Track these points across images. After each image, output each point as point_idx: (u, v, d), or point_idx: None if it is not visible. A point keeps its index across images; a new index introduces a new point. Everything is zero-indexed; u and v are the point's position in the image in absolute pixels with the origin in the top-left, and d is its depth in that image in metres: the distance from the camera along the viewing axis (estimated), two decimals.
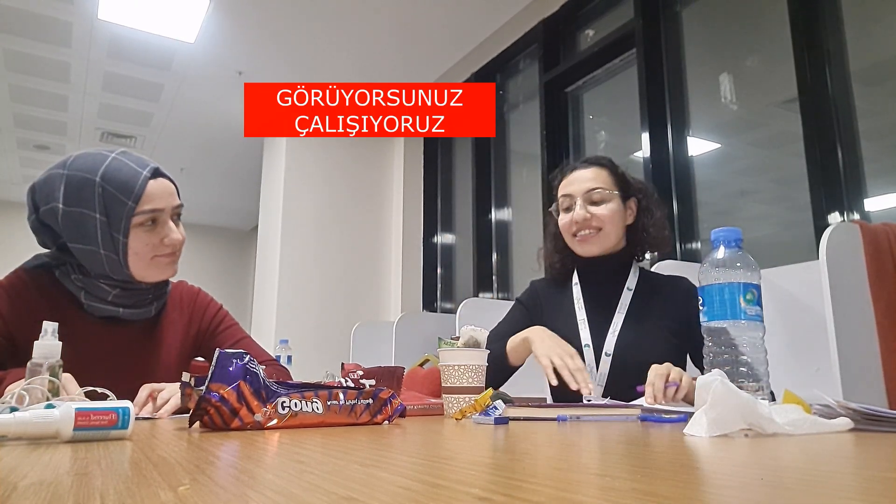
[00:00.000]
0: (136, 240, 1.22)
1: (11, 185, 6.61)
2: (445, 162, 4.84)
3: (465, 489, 0.38)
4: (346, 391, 0.91)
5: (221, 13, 3.62)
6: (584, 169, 1.55)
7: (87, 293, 1.26)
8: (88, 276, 1.26)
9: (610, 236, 1.51)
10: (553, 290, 1.64)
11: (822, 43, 2.28)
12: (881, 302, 1.60)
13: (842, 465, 0.51)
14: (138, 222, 1.21)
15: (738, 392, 0.71)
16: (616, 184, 1.53)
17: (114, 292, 1.27)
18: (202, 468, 0.49)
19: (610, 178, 1.53)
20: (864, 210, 2.13)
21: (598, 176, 1.53)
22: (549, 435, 0.77)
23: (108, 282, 1.26)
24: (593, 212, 1.50)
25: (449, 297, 4.63)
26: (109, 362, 1.26)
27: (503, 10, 3.60)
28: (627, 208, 1.54)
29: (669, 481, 0.41)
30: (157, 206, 1.23)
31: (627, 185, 1.56)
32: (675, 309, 1.48)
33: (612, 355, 1.43)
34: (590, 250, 1.53)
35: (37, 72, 4.23)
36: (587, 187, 1.51)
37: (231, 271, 8.10)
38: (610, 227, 1.50)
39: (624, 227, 1.54)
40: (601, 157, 1.59)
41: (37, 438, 0.69)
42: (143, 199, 1.21)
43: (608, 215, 1.50)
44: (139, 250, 1.23)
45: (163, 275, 1.30)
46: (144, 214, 1.21)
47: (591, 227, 1.51)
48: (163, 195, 1.25)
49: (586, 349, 1.46)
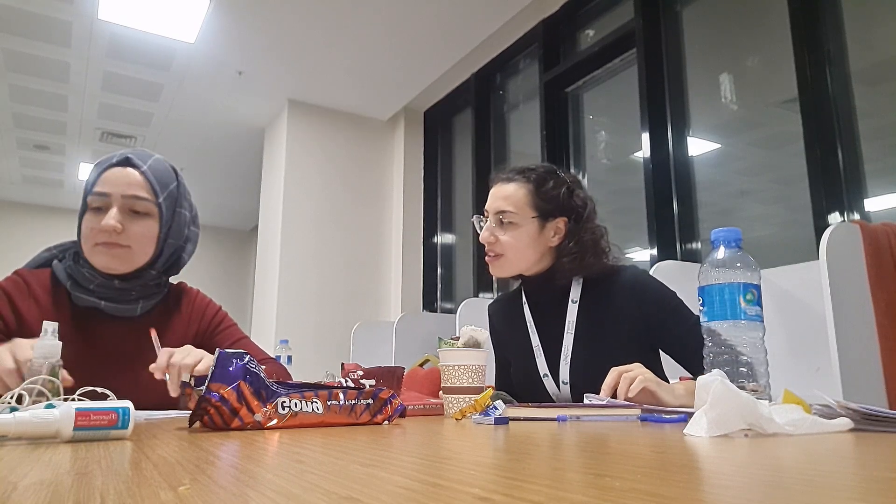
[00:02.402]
0: (85, 221, 1.28)
1: (11, 185, 6.61)
2: (445, 162, 4.85)
3: (465, 489, 0.38)
4: (346, 391, 0.91)
5: (221, 13, 3.62)
6: (504, 184, 1.43)
7: (74, 282, 1.29)
8: (77, 262, 1.30)
9: (514, 263, 1.41)
10: (507, 312, 1.56)
11: (822, 43, 2.28)
12: (881, 302, 1.60)
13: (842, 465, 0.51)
14: (90, 204, 1.26)
15: (738, 392, 0.71)
16: (534, 204, 1.39)
17: (95, 281, 1.28)
18: (202, 468, 0.49)
19: (528, 198, 1.40)
20: (864, 210, 2.13)
21: (514, 195, 1.40)
22: (549, 435, 0.77)
23: (90, 270, 1.28)
24: (498, 235, 1.41)
25: (449, 297, 4.63)
26: (96, 354, 1.27)
27: (503, 10, 3.60)
28: (551, 229, 1.41)
29: (669, 481, 0.41)
30: (104, 189, 1.26)
31: (555, 203, 1.40)
32: (622, 310, 1.36)
33: (568, 383, 1.36)
34: (495, 272, 1.45)
35: (37, 72, 4.23)
36: (497, 207, 1.41)
37: (231, 271, 8.10)
38: (513, 253, 1.40)
39: (545, 248, 1.41)
40: (530, 170, 1.44)
41: (37, 438, 0.69)
42: (97, 183, 1.26)
43: (511, 242, 1.39)
44: (84, 232, 1.27)
45: (107, 264, 1.27)
46: (93, 196, 1.26)
47: (494, 250, 1.42)
48: (116, 182, 1.26)
49: (546, 379, 1.40)
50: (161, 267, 1.34)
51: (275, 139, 4.90)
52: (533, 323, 1.46)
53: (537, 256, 1.41)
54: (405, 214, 4.75)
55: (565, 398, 1.37)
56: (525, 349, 1.45)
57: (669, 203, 2.82)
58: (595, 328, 1.37)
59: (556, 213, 1.41)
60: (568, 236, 1.40)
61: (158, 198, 1.30)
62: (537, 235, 1.40)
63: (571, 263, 1.38)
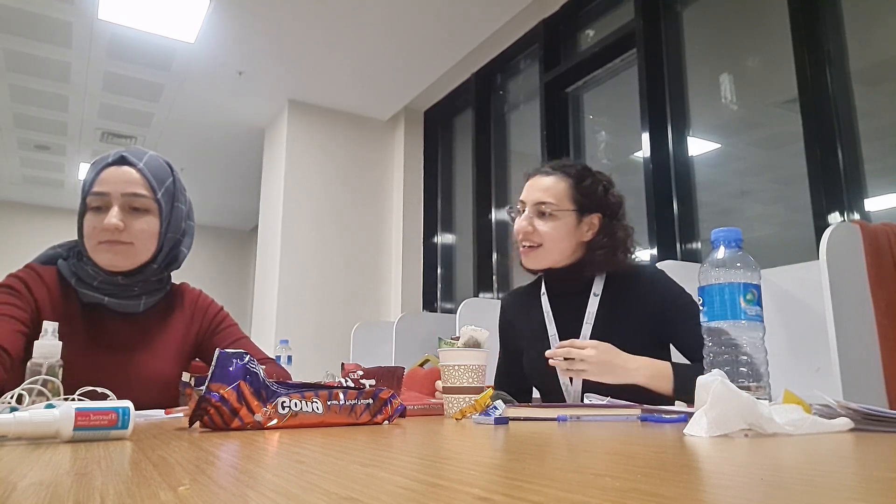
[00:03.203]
0: (86, 221, 1.29)
1: (11, 185, 6.61)
2: (445, 162, 4.85)
3: (465, 489, 0.38)
4: (346, 391, 0.91)
5: (221, 13, 3.62)
6: (544, 177, 1.46)
7: (78, 279, 1.31)
8: (81, 260, 1.31)
9: (551, 253, 1.44)
10: (523, 303, 1.58)
11: (822, 43, 2.28)
12: (881, 302, 1.60)
13: (842, 465, 0.51)
14: (89, 204, 1.28)
15: (738, 392, 0.71)
16: (573, 198, 1.44)
17: (98, 278, 1.30)
18: (202, 468, 0.49)
19: (568, 192, 1.44)
20: (864, 210, 2.13)
21: (554, 187, 1.44)
22: (549, 435, 0.77)
23: (93, 267, 1.30)
24: (537, 226, 1.43)
25: (449, 297, 4.63)
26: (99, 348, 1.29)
27: (503, 10, 3.60)
28: (586, 224, 1.44)
29: (669, 481, 0.41)
30: (103, 189, 1.27)
31: (592, 199, 1.45)
32: (642, 304, 1.41)
33: None
34: (529, 264, 1.47)
35: (37, 72, 4.23)
36: (537, 198, 1.44)
37: (231, 271, 8.10)
38: (551, 244, 1.43)
39: (578, 242, 1.45)
40: (569, 166, 1.48)
41: (37, 438, 0.69)
42: (95, 183, 1.28)
43: (550, 233, 1.42)
44: (87, 232, 1.29)
45: (110, 261, 1.28)
46: (92, 196, 1.27)
47: (531, 240, 1.44)
48: (115, 181, 1.28)
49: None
50: (161, 262, 1.36)
51: (275, 139, 4.90)
52: (551, 313, 1.48)
53: (571, 249, 1.45)
54: (405, 214, 4.75)
55: (576, 389, 1.38)
56: (540, 339, 1.47)
57: (669, 203, 2.82)
58: (614, 322, 1.41)
59: (593, 209, 1.45)
60: (601, 231, 1.44)
61: (157, 194, 1.31)
62: (574, 229, 1.44)
63: (603, 258, 1.43)
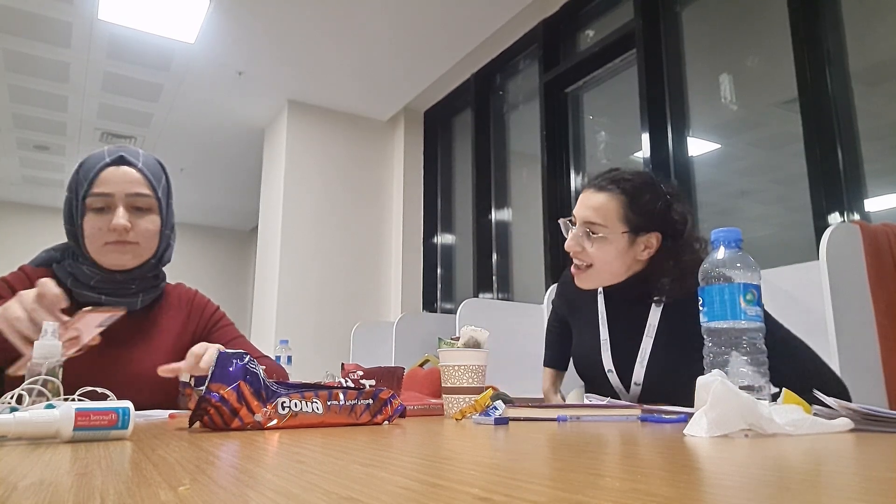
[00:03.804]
0: (88, 223, 1.28)
1: (11, 185, 6.61)
2: (445, 162, 4.85)
3: (465, 489, 0.38)
4: (346, 391, 0.91)
5: (221, 13, 3.62)
6: (596, 192, 1.36)
7: (75, 279, 1.30)
8: (77, 261, 1.31)
9: (602, 274, 1.36)
10: (580, 293, 1.49)
11: (822, 43, 2.28)
12: (881, 302, 1.60)
13: (842, 465, 0.51)
14: (90, 206, 1.27)
15: (738, 392, 0.71)
16: (626, 218, 1.32)
17: (95, 277, 1.30)
18: (202, 468, 0.49)
19: (619, 211, 1.32)
20: (864, 210, 2.13)
21: (604, 206, 1.33)
22: (549, 435, 0.77)
23: (90, 267, 1.30)
24: (585, 246, 1.35)
25: (449, 298, 4.63)
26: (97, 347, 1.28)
27: (503, 10, 3.60)
28: (641, 243, 1.34)
29: (669, 481, 0.41)
30: (107, 190, 1.27)
31: (649, 218, 1.33)
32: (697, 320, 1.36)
33: (641, 385, 1.33)
34: (581, 284, 1.40)
35: (36, 72, 4.23)
36: (586, 217, 1.35)
37: (231, 271, 8.10)
38: (601, 266, 1.35)
39: (633, 260, 1.35)
40: (626, 180, 1.35)
41: (37, 438, 0.69)
42: (96, 183, 1.26)
43: (599, 255, 1.34)
44: (90, 233, 1.27)
45: (117, 261, 1.29)
46: (94, 198, 1.26)
47: (581, 259, 1.37)
48: (118, 181, 1.28)
49: (610, 374, 1.37)
50: (158, 258, 1.37)
51: (275, 139, 4.90)
52: (605, 317, 1.42)
53: (625, 268, 1.36)
54: (405, 214, 4.75)
55: (633, 398, 1.34)
56: (592, 339, 1.43)
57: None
58: (676, 334, 1.31)
59: (650, 228, 1.33)
60: (663, 252, 1.33)
61: (157, 192, 1.33)
62: (626, 250, 1.34)
63: (672, 286, 1.31)
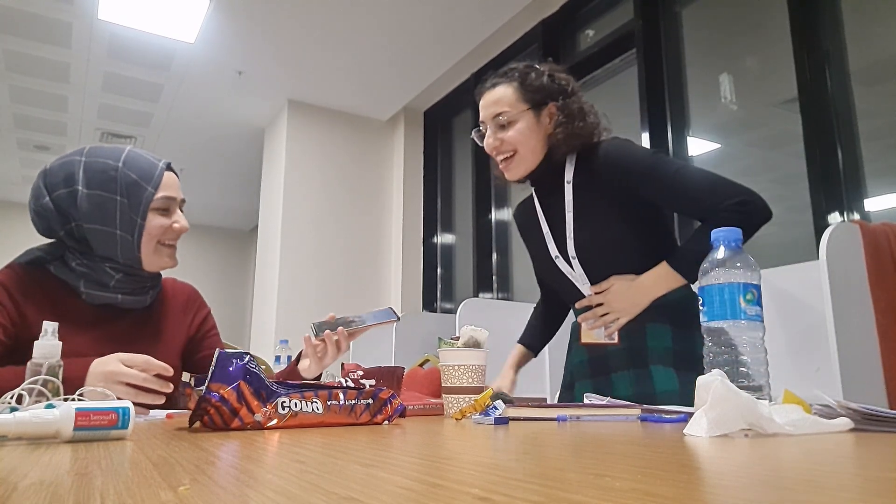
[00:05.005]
0: (152, 223, 1.33)
1: (11, 185, 6.61)
2: (445, 162, 4.85)
3: (465, 489, 0.38)
4: (346, 391, 0.91)
5: (221, 13, 3.62)
6: (490, 91, 1.48)
7: (88, 280, 1.30)
8: (93, 261, 1.30)
9: (526, 157, 1.45)
10: (525, 209, 1.62)
11: (822, 43, 2.28)
12: (881, 302, 1.60)
13: (842, 465, 0.51)
14: (155, 207, 1.33)
15: (738, 392, 0.71)
16: (523, 97, 1.44)
17: (117, 277, 1.31)
18: (202, 468, 0.49)
19: (516, 94, 1.44)
20: (864, 210, 2.13)
21: (503, 96, 1.45)
22: (549, 435, 0.77)
23: (112, 266, 1.31)
24: (502, 137, 1.44)
25: (449, 297, 4.63)
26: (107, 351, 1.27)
27: (503, 10, 3.60)
28: (545, 115, 1.45)
29: (669, 481, 0.41)
30: (171, 194, 1.35)
31: (541, 90, 1.45)
32: (607, 184, 1.40)
33: (576, 258, 1.43)
34: (511, 175, 1.49)
35: (37, 72, 4.23)
36: (492, 112, 1.45)
37: (231, 271, 8.09)
38: (522, 147, 1.44)
39: (544, 137, 1.45)
40: (511, 69, 1.49)
41: (37, 438, 0.69)
42: (161, 187, 1.33)
43: (515, 136, 1.43)
44: (153, 233, 1.33)
45: (166, 262, 1.37)
46: (161, 200, 1.33)
47: (504, 151, 1.46)
48: (175, 186, 1.38)
49: (557, 260, 1.47)
50: None
51: (275, 139, 4.90)
52: (541, 210, 1.52)
53: (542, 145, 1.46)
54: (405, 214, 4.75)
55: (579, 275, 1.43)
56: (539, 238, 1.52)
57: None
58: (588, 206, 1.43)
59: (546, 100, 1.45)
60: (562, 115, 1.45)
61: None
62: (535, 125, 1.45)
63: (563, 134, 1.43)
